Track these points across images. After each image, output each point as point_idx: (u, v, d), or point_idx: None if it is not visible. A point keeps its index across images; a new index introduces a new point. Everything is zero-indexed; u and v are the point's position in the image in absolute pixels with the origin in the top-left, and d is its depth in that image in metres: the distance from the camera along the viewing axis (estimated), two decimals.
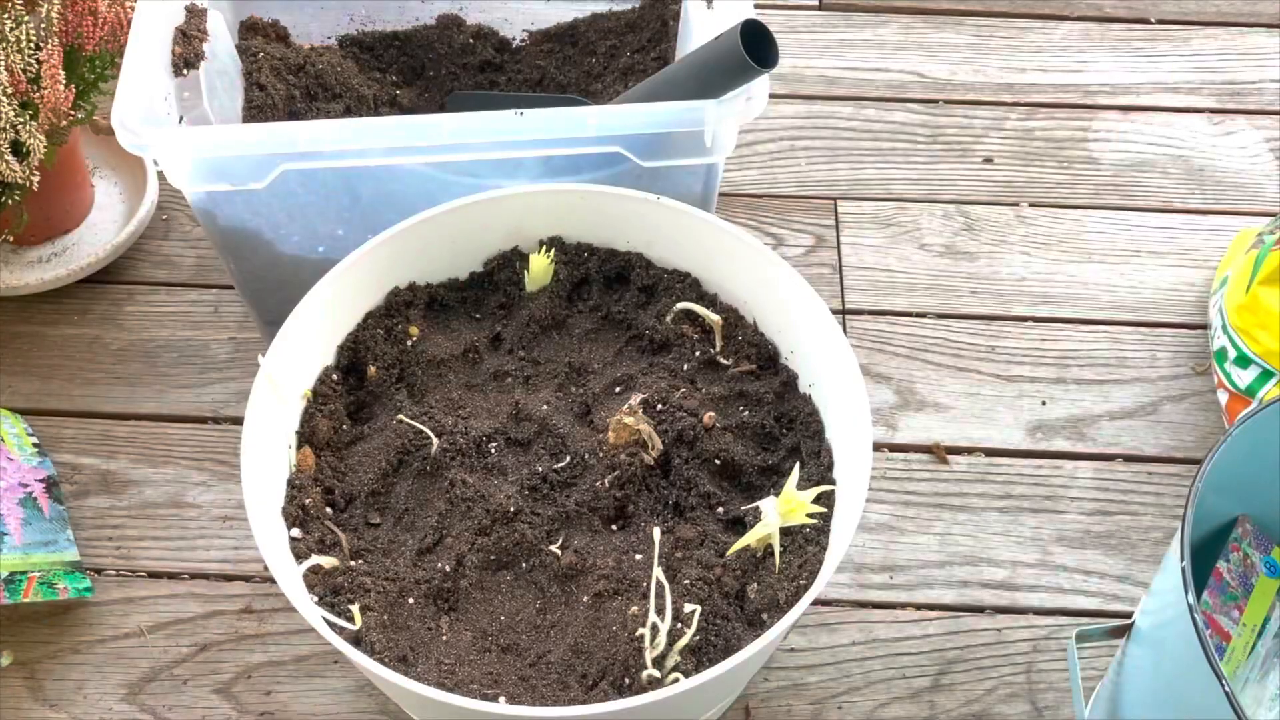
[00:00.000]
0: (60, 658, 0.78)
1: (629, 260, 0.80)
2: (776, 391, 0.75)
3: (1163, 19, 1.18)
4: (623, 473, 0.70)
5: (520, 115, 0.75)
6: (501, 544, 0.69)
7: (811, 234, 1.01)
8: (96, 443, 0.88)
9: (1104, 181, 1.05)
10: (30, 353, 0.93)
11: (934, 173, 1.06)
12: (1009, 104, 1.11)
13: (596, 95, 0.99)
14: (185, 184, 0.78)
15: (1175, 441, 0.90)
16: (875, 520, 0.85)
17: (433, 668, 0.64)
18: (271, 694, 0.77)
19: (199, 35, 0.87)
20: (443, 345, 0.78)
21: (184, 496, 0.86)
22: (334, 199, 0.81)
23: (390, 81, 1.02)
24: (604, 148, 0.77)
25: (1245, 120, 1.10)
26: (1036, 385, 0.92)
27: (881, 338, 0.95)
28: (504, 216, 0.78)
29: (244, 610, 0.81)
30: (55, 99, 0.84)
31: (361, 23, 1.04)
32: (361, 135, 0.76)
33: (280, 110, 0.94)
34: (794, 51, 1.14)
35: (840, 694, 0.78)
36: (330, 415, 0.74)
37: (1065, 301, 0.97)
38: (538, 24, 1.05)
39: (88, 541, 0.83)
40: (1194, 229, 1.02)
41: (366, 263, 0.75)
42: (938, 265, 0.99)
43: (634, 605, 0.65)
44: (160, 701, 0.77)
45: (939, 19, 1.17)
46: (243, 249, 0.84)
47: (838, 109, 1.10)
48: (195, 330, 0.95)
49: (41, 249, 0.96)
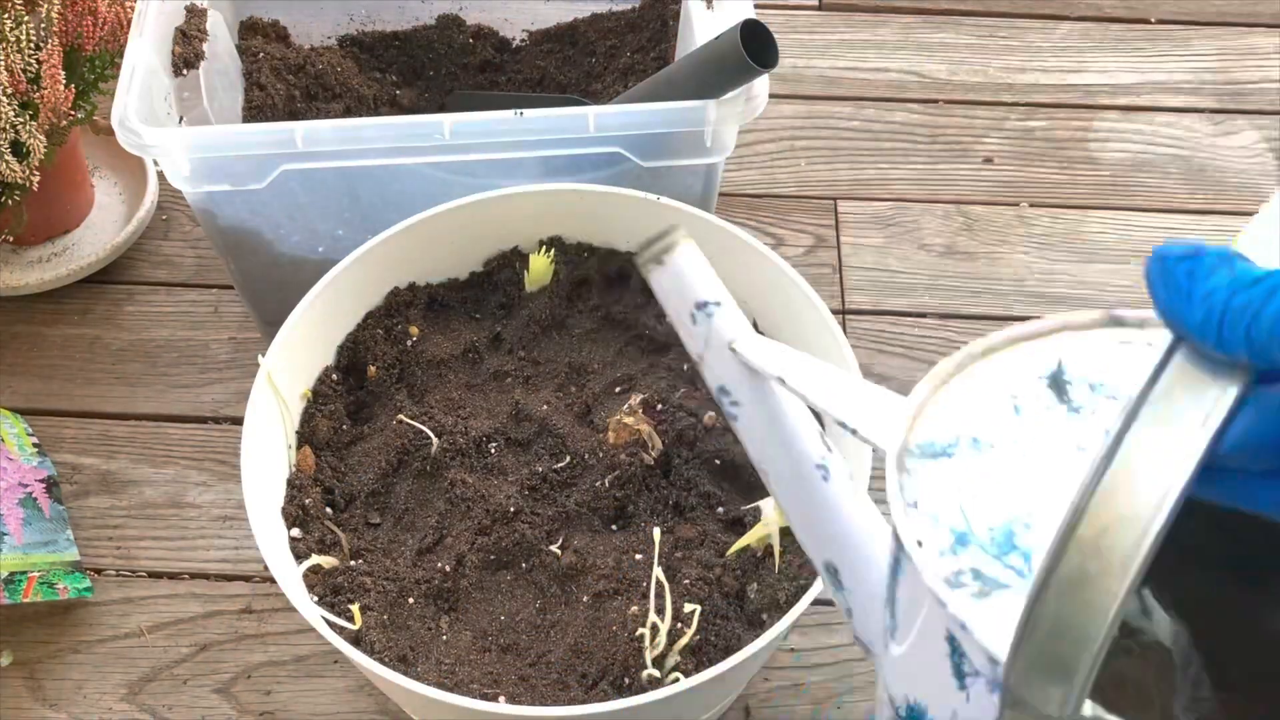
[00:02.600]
0: (60, 658, 0.78)
1: (629, 260, 0.80)
2: None
3: (1163, 19, 1.18)
4: (623, 473, 0.70)
5: (520, 115, 0.75)
6: (501, 544, 0.69)
7: (811, 234, 1.01)
8: (96, 443, 0.88)
9: (1104, 181, 1.05)
10: (30, 353, 0.93)
11: (934, 173, 1.06)
12: (1009, 104, 1.11)
13: (596, 95, 0.99)
14: (185, 184, 0.78)
15: None
16: None
17: (433, 668, 0.64)
18: (271, 694, 0.77)
19: (199, 35, 0.87)
20: (443, 345, 0.78)
21: (184, 496, 0.86)
22: (334, 199, 0.81)
23: (390, 81, 1.02)
24: (604, 148, 0.77)
25: (1245, 120, 1.10)
26: None
27: (881, 338, 0.95)
28: (504, 216, 0.78)
29: (244, 610, 0.81)
30: (55, 99, 0.84)
31: (361, 23, 1.04)
32: (361, 135, 0.76)
33: (280, 110, 0.94)
34: (794, 51, 1.14)
35: (840, 694, 0.78)
36: (330, 415, 0.74)
37: (1065, 301, 0.97)
38: (538, 24, 1.05)
39: (88, 541, 0.83)
40: (1194, 229, 1.02)
41: (366, 263, 0.75)
42: (938, 265, 0.99)
43: (634, 605, 0.65)
44: (160, 701, 0.77)
45: (939, 19, 1.17)
46: (243, 249, 0.84)
47: (837, 109, 1.10)
48: (195, 330, 0.95)
49: (41, 249, 0.97)
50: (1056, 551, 0.29)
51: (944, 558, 0.36)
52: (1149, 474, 0.29)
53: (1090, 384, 0.39)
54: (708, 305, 0.45)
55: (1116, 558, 0.29)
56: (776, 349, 0.44)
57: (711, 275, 0.45)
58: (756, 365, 0.44)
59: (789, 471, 0.45)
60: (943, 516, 0.37)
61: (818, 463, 0.44)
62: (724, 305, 0.45)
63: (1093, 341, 0.39)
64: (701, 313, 0.45)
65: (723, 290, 0.45)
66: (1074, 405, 0.38)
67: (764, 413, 0.45)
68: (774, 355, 0.44)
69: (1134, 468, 0.29)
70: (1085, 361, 0.39)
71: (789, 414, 0.45)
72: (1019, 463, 0.37)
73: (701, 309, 0.45)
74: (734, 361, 0.45)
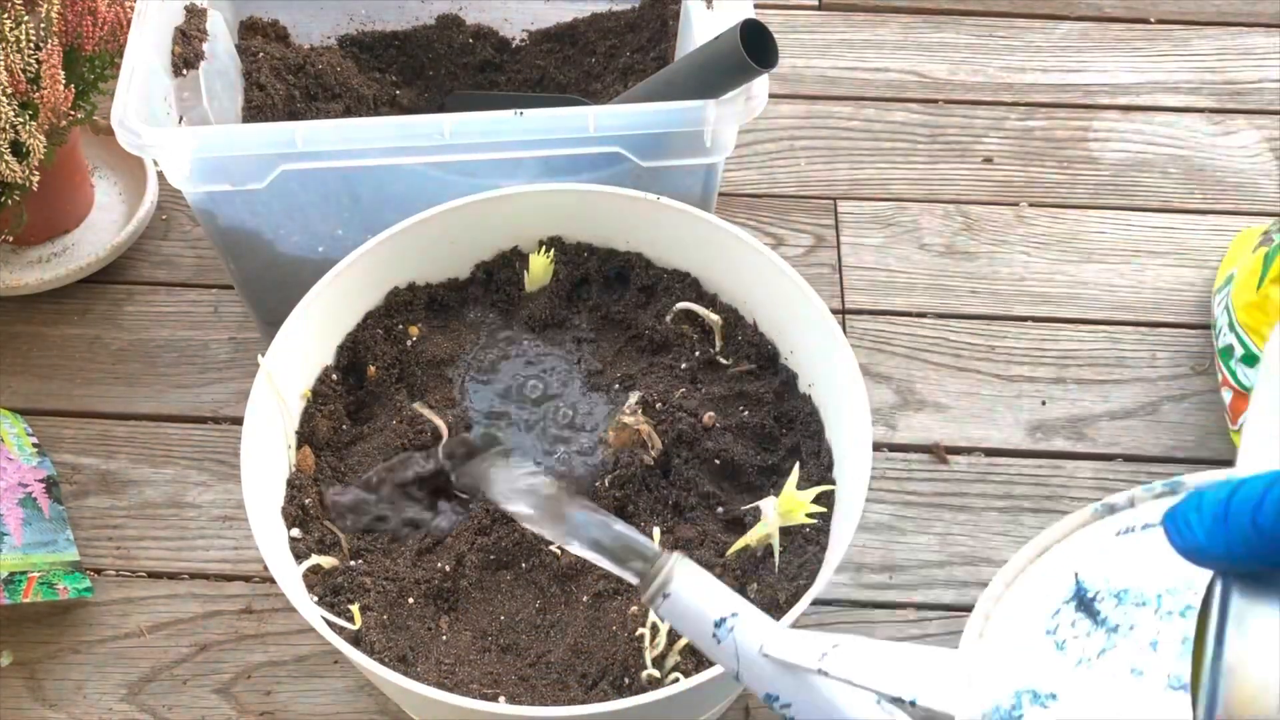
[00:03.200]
0: (60, 658, 0.78)
1: (629, 260, 0.80)
2: (776, 391, 0.75)
3: (1163, 19, 1.18)
4: (623, 473, 0.70)
5: (520, 115, 0.75)
6: (501, 544, 0.69)
7: (811, 234, 1.01)
8: (96, 443, 0.88)
9: (1104, 181, 1.05)
10: (30, 353, 0.93)
11: (934, 173, 1.06)
12: (1009, 104, 1.11)
13: (596, 95, 0.99)
14: (185, 184, 0.78)
15: (1175, 441, 0.90)
16: (875, 520, 0.85)
17: (432, 668, 0.64)
18: (271, 694, 0.77)
19: (199, 35, 0.87)
20: (443, 345, 0.78)
21: (184, 496, 0.86)
22: (334, 199, 0.81)
23: (390, 81, 1.02)
24: (604, 148, 0.77)
25: (1245, 120, 1.10)
26: (1036, 385, 0.92)
27: (881, 338, 0.95)
28: (504, 216, 0.78)
29: (244, 610, 0.81)
30: (55, 99, 0.84)
31: (361, 23, 1.04)
32: (361, 135, 0.76)
33: (280, 110, 0.94)
34: (794, 51, 1.14)
35: None
36: (330, 415, 0.74)
37: (1065, 301, 0.97)
38: (537, 24, 1.05)
39: (88, 541, 0.83)
40: (1194, 229, 1.02)
41: (366, 263, 0.75)
42: (938, 265, 0.99)
43: (634, 605, 0.65)
44: (160, 701, 0.77)
45: (939, 19, 1.17)
46: (242, 249, 0.84)
47: (837, 109, 1.10)
48: (195, 330, 0.95)
49: (41, 249, 0.97)
50: None
51: None
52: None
53: (1114, 594, 0.38)
54: (725, 621, 0.44)
55: None
56: (807, 639, 0.44)
57: (718, 588, 0.45)
58: (793, 662, 0.43)
59: None
60: None
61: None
62: (740, 614, 0.44)
63: (1095, 540, 0.39)
64: (721, 629, 0.44)
65: (733, 599, 0.45)
66: (1110, 624, 0.37)
67: (815, 707, 0.44)
68: (807, 647, 0.43)
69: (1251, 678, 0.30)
70: (1098, 567, 0.39)
71: (839, 701, 0.44)
72: (1087, 708, 0.36)
73: (720, 626, 0.44)
74: (770, 665, 0.44)
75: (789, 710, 0.45)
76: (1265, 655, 0.30)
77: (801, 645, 0.43)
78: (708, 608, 0.45)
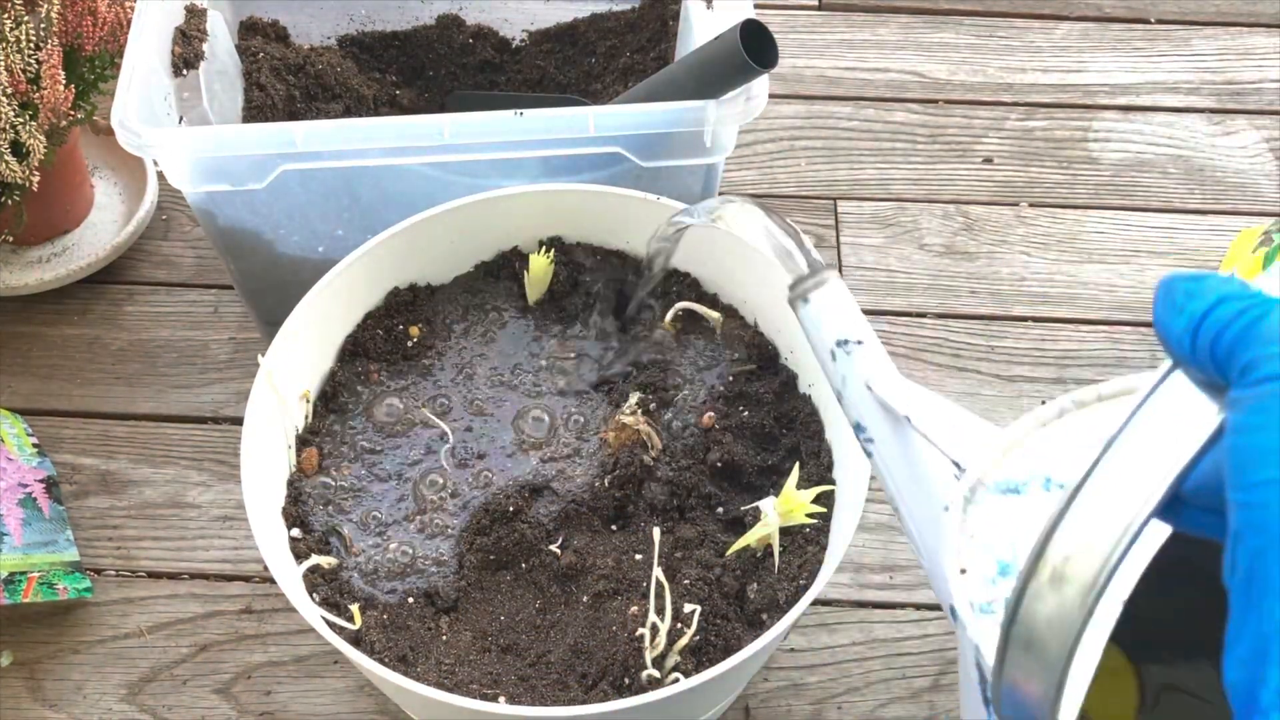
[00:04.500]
0: (60, 658, 0.78)
1: (629, 260, 0.80)
2: (776, 391, 0.75)
3: (1163, 19, 1.18)
4: (623, 473, 0.70)
5: (520, 115, 0.75)
6: (501, 544, 0.69)
7: (811, 234, 1.01)
8: (96, 443, 0.88)
9: (1104, 181, 1.05)
10: (30, 353, 0.93)
11: (934, 173, 1.06)
12: (1009, 104, 1.11)
13: (596, 95, 0.99)
14: (185, 184, 0.78)
15: None
16: (875, 520, 0.85)
17: (432, 668, 0.64)
18: (271, 694, 0.77)
19: (199, 35, 0.87)
20: (443, 345, 0.78)
21: (184, 496, 0.86)
22: (334, 199, 0.81)
23: (390, 81, 1.02)
24: (604, 148, 0.77)
25: (1245, 120, 1.10)
26: (1036, 385, 0.92)
27: (881, 338, 0.94)
28: (504, 216, 0.78)
29: (244, 610, 0.81)
30: (55, 99, 0.84)
31: (361, 23, 1.04)
32: (361, 135, 0.76)
33: (280, 110, 0.94)
34: (794, 51, 1.14)
35: (840, 694, 0.78)
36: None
37: (1065, 301, 0.97)
38: (537, 24, 1.05)
39: (88, 541, 0.83)
40: (1194, 229, 1.02)
41: (366, 263, 0.75)
42: (938, 265, 0.99)
43: (634, 605, 0.65)
44: (160, 701, 0.77)
45: (939, 19, 1.17)
46: (242, 249, 0.84)
47: (837, 109, 1.10)
48: (195, 330, 0.95)
49: (41, 249, 0.96)
50: (1026, 575, 0.30)
51: (983, 586, 0.36)
52: (1113, 504, 0.29)
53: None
54: (848, 343, 0.46)
55: (1078, 585, 0.29)
56: (911, 390, 0.45)
57: (856, 315, 0.46)
58: (890, 405, 0.45)
59: (920, 511, 0.45)
60: (995, 548, 0.37)
61: (947, 506, 0.45)
62: (865, 344, 0.45)
63: None
64: (841, 350, 0.46)
65: (867, 330, 0.46)
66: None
67: (897, 452, 0.45)
68: (906, 395, 0.45)
69: (1101, 496, 0.30)
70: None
71: (922, 456, 0.45)
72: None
73: (842, 346, 0.46)
74: (870, 400, 0.45)
75: (871, 446, 0.46)
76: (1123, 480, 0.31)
77: (903, 394, 0.45)
78: (840, 326, 0.46)
